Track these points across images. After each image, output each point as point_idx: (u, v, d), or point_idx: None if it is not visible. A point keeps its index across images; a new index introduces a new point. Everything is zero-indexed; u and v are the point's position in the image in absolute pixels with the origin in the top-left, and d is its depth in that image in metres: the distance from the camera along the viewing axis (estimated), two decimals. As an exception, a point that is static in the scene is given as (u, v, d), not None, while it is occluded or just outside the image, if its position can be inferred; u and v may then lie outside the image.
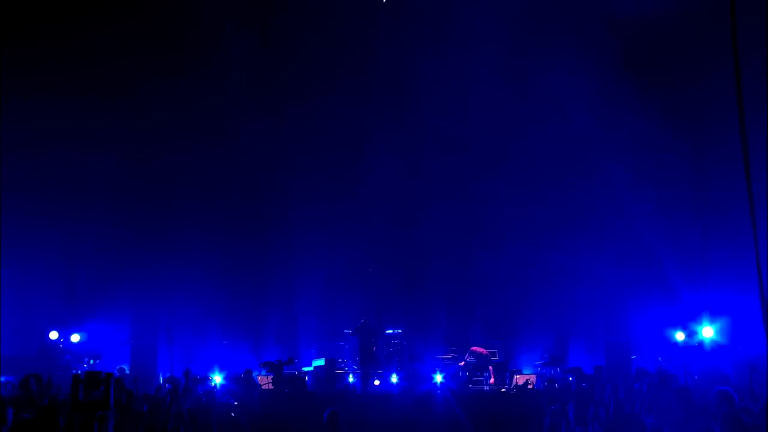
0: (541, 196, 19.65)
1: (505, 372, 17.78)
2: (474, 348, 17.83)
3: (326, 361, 17.48)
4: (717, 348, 16.69)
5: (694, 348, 16.87)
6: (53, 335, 17.62)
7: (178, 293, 19.09)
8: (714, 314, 16.95)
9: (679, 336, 17.18)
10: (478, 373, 17.50)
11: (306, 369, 18.09)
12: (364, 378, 16.81)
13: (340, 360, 18.31)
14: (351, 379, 17.70)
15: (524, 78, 19.41)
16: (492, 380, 17.21)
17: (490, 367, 17.49)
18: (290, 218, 20.24)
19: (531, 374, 17.58)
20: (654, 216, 18.67)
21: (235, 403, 13.49)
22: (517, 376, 17.30)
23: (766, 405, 8.20)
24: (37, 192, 18.48)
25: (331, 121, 20.21)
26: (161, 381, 15.81)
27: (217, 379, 15.65)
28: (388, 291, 20.32)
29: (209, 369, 16.75)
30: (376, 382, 16.98)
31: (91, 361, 17.12)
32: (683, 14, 17.58)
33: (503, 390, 16.56)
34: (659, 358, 17.15)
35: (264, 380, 16.46)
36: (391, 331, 18.78)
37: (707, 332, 16.86)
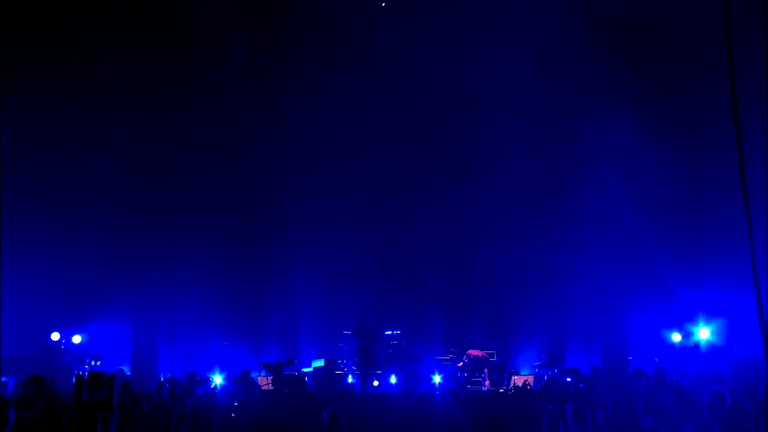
0: (539, 198, 19.70)
1: (503, 373, 17.87)
2: (470, 351, 17.90)
3: (326, 362, 17.55)
4: (713, 349, 16.78)
5: (691, 349, 16.95)
6: (55, 336, 17.63)
7: (179, 294, 19.14)
8: (710, 316, 17.04)
9: (676, 337, 17.26)
10: (477, 374, 17.58)
11: (306, 370, 18.17)
12: (363, 379, 16.88)
13: (339, 361, 18.38)
14: (350, 379, 17.78)
15: (522, 79, 19.45)
16: (487, 383, 17.25)
17: (486, 370, 17.55)
18: (290, 219, 20.30)
19: (529, 375, 17.64)
20: (650, 217, 18.73)
21: (236, 404, 13.55)
22: (515, 377, 17.38)
23: (764, 406, 8.27)
24: (38, 193, 18.50)
25: (330, 122, 20.27)
26: (162, 381, 15.84)
27: (218, 379, 15.71)
28: (388, 292, 20.37)
29: (210, 370, 16.81)
30: (375, 383, 17.05)
31: (93, 362, 17.15)
32: (680, 12, 17.60)
33: (501, 391, 16.63)
34: (656, 359, 17.23)
35: (264, 381, 16.53)
36: (390, 332, 18.85)
37: (703, 333, 16.94)
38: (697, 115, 18.55)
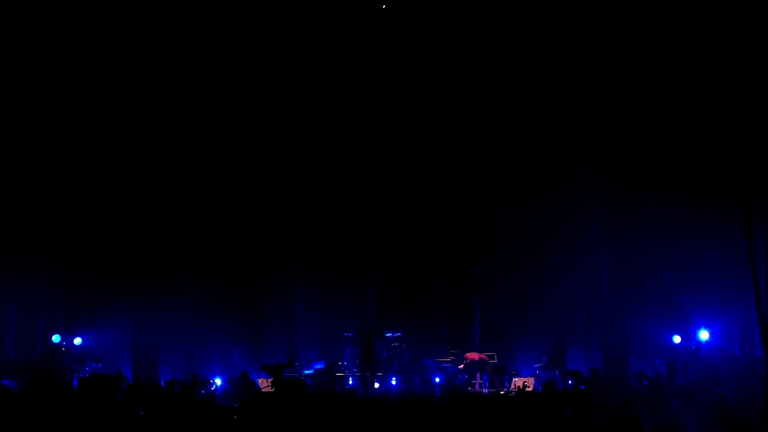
0: (540, 201, 19.68)
1: (503, 374, 17.89)
2: (467, 354, 17.92)
3: (326, 364, 17.56)
4: (710, 346, 16.88)
5: (691, 350, 17.00)
6: (56, 338, 17.61)
7: (179, 296, 19.09)
8: (709, 321, 17.11)
9: (676, 339, 17.31)
10: (475, 377, 17.62)
11: (306, 372, 18.18)
12: (364, 381, 16.90)
13: (340, 363, 18.39)
14: (350, 381, 17.79)
15: (520, 80, 19.45)
16: (477, 386, 17.25)
17: (478, 374, 17.57)
18: (290, 220, 20.32)
19: (529, 377, 17.67)
20: (649, 224, 18.73)
21: (236, 406, 13.56)
22: (516, 379, 17.40)
23: (765, 410, 8.31)
24: (39, 195, 18.47)
25: (330, 124, 20.30)
26: (162, 384, 15.85)
27: (218, 381, 15.74)
28: (388, 294, 20.39)
29: (210, 371, 16.81)
30: (376, 385, 17.07)
31: (94, 365, 17.13)
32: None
33: (502, 392, 16.66)
34: (657, 361, 17.26)
35: (264, 383, 16.54)
36: (390, 334, 18.86)
37: (704, 336, 17.02)
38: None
